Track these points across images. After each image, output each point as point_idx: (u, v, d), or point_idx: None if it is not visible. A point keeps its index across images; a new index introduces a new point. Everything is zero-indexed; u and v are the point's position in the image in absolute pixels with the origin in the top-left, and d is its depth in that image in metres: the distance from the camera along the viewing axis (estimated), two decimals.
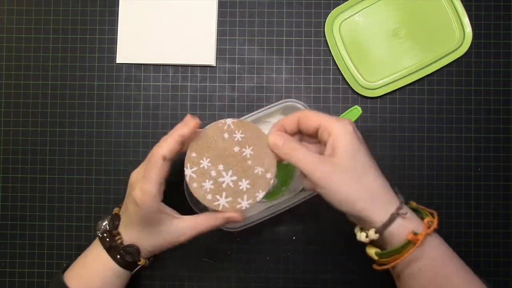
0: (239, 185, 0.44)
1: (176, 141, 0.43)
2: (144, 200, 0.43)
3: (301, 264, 0.56)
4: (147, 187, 0.42)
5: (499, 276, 0.55)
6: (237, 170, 0.45)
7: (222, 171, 0.45)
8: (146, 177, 0.43)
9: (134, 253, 0.46)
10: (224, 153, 0.45)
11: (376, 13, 0.56)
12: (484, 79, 0.56)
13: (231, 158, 0.45)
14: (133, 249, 0.46)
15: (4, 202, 0.57)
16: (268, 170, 0.45)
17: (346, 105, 0.56)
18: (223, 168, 0.45)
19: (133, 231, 0.45)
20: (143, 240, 0.46)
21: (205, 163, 0.45)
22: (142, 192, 0.43)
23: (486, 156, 0.56)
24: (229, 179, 0.45)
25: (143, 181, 0.43)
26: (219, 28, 0.57)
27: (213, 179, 0.45)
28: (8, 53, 0.57)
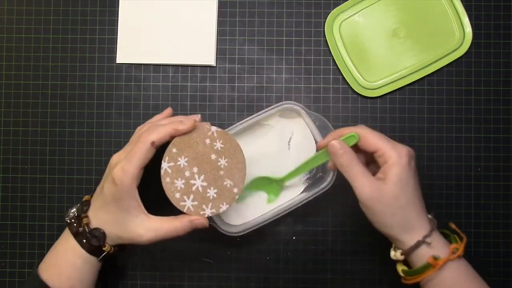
0: (207, 192, 0.45)
1: (169, 133, 0.44)
2: (123, 179, 0.43)
3: (301, 264, 0.56)
4: (128, 167, 0.43)
5: (499, 276, 0.55)
6: (208, 177, 0.45)
7: (196, 173, 0.45)
8: (130, 158, 0.43)
9: (100, 236, 0.45)
10: (202, 157, 0.46)
11: (376, 13, 0.56)
12: (484, 79, 0.56)
13: (206, 164, 0.46)
14: (99, 232, 0.45)
15: (4, 202, 0.57)
16: (236, 185, 0.46)
17: (346, 105, 0.56)
18: (197, 171, 0.45)
19: (103, 213, 0.46)
20: (109, 225, 0.45)
21: (182, 161, 0.45)
22: (123, 171, 0.43)
23: (486, 156, 0.56)
24: (200, 184, 0.45)
25: (126, 161, 0.43)
26: (219, 28, 0.57)
27: (185, 179, 0.45)
28: (8, 53, 0.57)
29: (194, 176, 0.45)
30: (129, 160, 0.43)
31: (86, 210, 0.47)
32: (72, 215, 0.47)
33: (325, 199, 0.55)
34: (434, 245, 0.43)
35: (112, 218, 0.45)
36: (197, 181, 0.45)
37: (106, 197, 0.45)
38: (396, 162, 0.43)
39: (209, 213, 0.45)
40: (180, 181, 0.45)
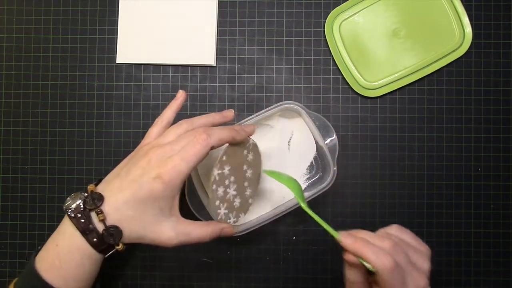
0: (234, 201, 0.46)
1: (227, 141, 0.44)
2: (174, 179, 0.41)
3: (301, 264, 0.56)
4: (183, 168, 0.41)
5: (499, 276, 0.55)
6: (238, 187, 0.46)
7: (231, 183, 0.46)
8: (186, 158, 0.41)
9: (117, 235, 0.41)
10: (238, 167, 0.46)
11: (376, 13, 0.56)
12: (484, 79, 0.56)
13: (239, 174, 0.46)
14: (117, 230, 0.41)
15: (4, 202, 0.57)
16: (252, 196, 0.47)
17: (346, 105, 0.56)
18: (233, 180, 0.46)
19: (127, 210, 0.41)
20: (132, 223, 0.41)
21: (226, 169, 0.45)
22: (177, 171, 0.41)
23: (486, 156, 0.56)
24: (232, 193, 0.46)
25: (181, 161, 0.41)
26: (219, 28, 0.57)
27: (224, 187, 0.45)
28: (8, 53, 0.57)
29: (230, 185, 0.46)
30: (185, 160, 0.41)
31: (99, 205, 0.41)
32: (75, 206, 0.42)
33: (325, 199, 0.56)
34: None
35: (139, 216, 0.41)
36: (231, 191, 0.46)
37: (142, 192, 0.41)
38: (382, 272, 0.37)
39: (232, 221, 0.46)
40: (221, 189, 0.45)
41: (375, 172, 0.56)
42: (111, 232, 0.41)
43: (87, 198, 0.42)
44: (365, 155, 0.56)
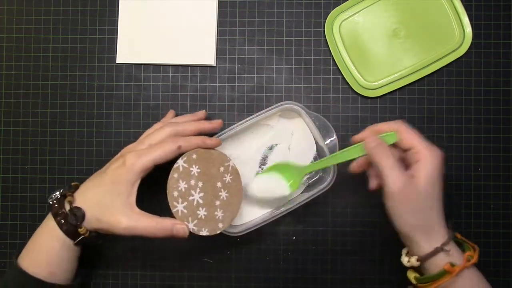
0: (199, 210, 0.46)
1: (197, 144, 0.46)
2: (135, 163, 0.44)
3: (301, 264, 0.56)
4: (145, 157, 0.44)
5: (499, 276, 0.55)
6: (206, 198, 0.46)
7: (198, 188, 0.46)
8: (150, 150, 0.45)
9: (79, 216, 0.45)
10: (210, 178, 0.47)
11: (376, 13, 0.56)
12: (484, 79, 0.56)
13: (210, 187, 0.47)
14: (79, 212, 0.45)
15: (4, 202, 0.57)
16: (223, 222, 0.47)
17: (346, 105, 0.56)
18: (200, 186, 0.46)
19: (91, 193, 0.46)
20: (93, 206, 0.45)
21: (194, 169, 0.46)
22: (138, 157, 0.44)
23: (486, 156, 0.56)
24: (197, 198, 0.46)
25: (145, 151, 0.45)
26: (219, 28, 0.57)
27: (188, 186, 0.45)
28: (8, 53, 0.57)
29: (196, 189, 0.46)
30: (149, 152, 0.45)
31: (72, 192, 0.47)
32: (55, 197, 0.47)
33: (325, 199, 0.56)
34: (451, 253, 0.43)
35: (99, 199, 0.45)
36: (196, 195, 0.46)
37: (106, 177, 0.45)
38: (429, 162, 0.43)
39: (191, 226, 0.45)
40: (183, 184, 0.45)
41: None
42: (74, 212, 0.45)
43: (65, 187, 0.48)
44: None
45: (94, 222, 0.45)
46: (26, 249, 0.47)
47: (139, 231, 0.44)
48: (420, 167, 0.43)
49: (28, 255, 0.47)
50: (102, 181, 0.46)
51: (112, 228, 0.45)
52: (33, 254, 0.47)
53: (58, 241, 0.46)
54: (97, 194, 0.45)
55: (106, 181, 0.45)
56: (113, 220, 0.44)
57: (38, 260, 0.46)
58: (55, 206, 0.46)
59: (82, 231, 0.45)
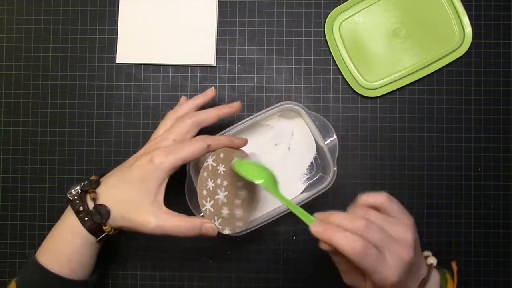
0: (222, 209, 0.46)
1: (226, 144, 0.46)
2: (163, 161, 0.43)
3: (301, 264, 0.56)
4: (174, 156, 0.43)
5: (499, 276, 0.55)
6: (229, 198, 0.47)
7: (223, 187, 0.46)
8: (179, 149, 0.44)
9: (104, 214, 0.44)
10: (233, 177, 0.47)
11: (376, 13, 0.56)
12: (484, 79, 0.56)
13: (233, 186, 0.47)
14: (104, 209, 0.44)
15: (4, 202, 0.57)
16: (242, 220, 0.48)
17: (346, 105, 0.56)
18: (225, 185, 0.46)
19: (116, 191, 0.44)
20: (118, 204, 0.44)
21: (221, 168, 0.46)
22: (166, 155, 0.43)
23: (486, 156, 0.56)
24: (222, 197, 0.46)
25: (174, 149, 0.44)
26: (219, 28, 0.57)
27: (215, 185, 0.46)
28: (8, 53, 0.57)
29: (221, 187, 0.46)
30: (178, 150, 0.44)
31: (95, 188, 0.45)
32: (75, 192, 0.46)
33: (325, 199, 0.55)
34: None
35: (125, 197, 0.44)
36: (221, 194, 0.46)
37: (132, 174, 0.44)
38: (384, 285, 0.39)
39: (217, 224, 0.46)
40: (211, 183, 0.46)
41: (375, 172, 0.56)
42: (99, 210, 0.44)
43: (86, 183, 0.46)
44: (365, 155, 0.56)
45: (119, 220, 0.44)
46: (45, 245, 0.46)
47: (167, 230, 0.44)
48: None
49: (48, 251, 0.46)
50: (128, 178, 0.44)
51: (139, 227, 0.44)
52: (53, 251, 0.45)
53: (80, 238, 0.45)
54: (123, 191, 0.44)
55: (133, 179, 0.44)
56: (140, 219, 0.43)
57: (59, 257, 0.45)
58: (76, 203, 0.44)
59: (107, 229, 0.44)
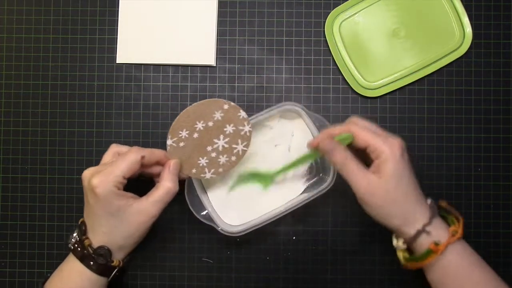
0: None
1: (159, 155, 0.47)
2: (102, 186, 0.43)
3: (301, 264, 0.56)
4: (107, 176, 0.43)
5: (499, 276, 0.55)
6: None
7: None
8: (112, 167, 0.44)
9: (106, 254, 0.46)
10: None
11: (376, 13, 0.56)
12: (484, 79, 0.56)
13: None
14: (104, 250, 0.46)
15: (4, 202, 0.57)
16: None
17: (346, 105, 0.56)
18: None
19: (99, 229, 0.45)
20: (112, 235, 0.46)
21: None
22: (100, 178, 0.43)
23: (486, 156, 0.56)
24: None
25: (105, 171, 0.44)
26: (219, 28, 0.57)
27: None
28: (8, 53, 0.57)
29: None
30: (111, 171, 0.44)
31: (85, 232, 0.46)
32: (74, 240, 0.47)
33: (325, 199, 0.55)
34: (434, 232, 0.43)
35: (110, 227, 0.45)
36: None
37: (95, 211, 0.45)
38: (388, 157, 0.43)
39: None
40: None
41: None
42: (99, 252, 0.46)
43: (78, 229, 0.47)
44: None
45: (123, 247, 0.47)
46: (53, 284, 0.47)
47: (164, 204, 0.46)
48: (381, 164, 0.43)
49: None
50: (96, 215, 0.45)
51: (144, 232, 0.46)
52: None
53: (88, 280, 0.46)
54: (105, 225, 0.45)
55: (99, 213, 0.45)
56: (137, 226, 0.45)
57: None
58: (78, 250, 0.46)
59: (115, 264, 0.46)
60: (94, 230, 0.46)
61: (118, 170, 0.44)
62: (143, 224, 0.45)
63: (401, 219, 0.44)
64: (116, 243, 0.46)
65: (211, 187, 0.54)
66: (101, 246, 0.46)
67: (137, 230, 0.46)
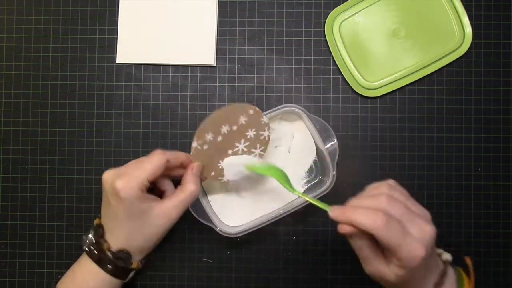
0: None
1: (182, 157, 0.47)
2: (126, 190, 0.42)
3: (301, 264, 0.56)
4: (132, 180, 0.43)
5: (499, 276, 0.55)
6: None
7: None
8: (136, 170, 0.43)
9: (126, 257, 0.46)
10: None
11: (376, 13, 0.56)
12: (484, 79, 0.56)
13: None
14: (124, 253, 0.46)
15: (4, 202, 0.57)
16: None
17: (346, 105, 0.56)
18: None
19: (120, 232, 0.45)
20: (132, 239, 0.45)
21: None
22: (124, 182, 0.43)
23: (486, 156, 0.56)
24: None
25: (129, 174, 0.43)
26: (219, 28, 0.57)
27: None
28: (8, 53, 0.57)
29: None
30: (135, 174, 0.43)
31: (102, 234, 0.46)
32: (89, 242, 0.46)
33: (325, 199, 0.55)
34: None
35: (131, 230, 0.45)
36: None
37: (117, 215, 0.44)
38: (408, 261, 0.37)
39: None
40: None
41: (375, 172, 0.56)
42: (119, 256, 0.45)
43: (94, 231, 0.47)
44: (365, 155, 0.56)
45: (144, 248, 0.47)
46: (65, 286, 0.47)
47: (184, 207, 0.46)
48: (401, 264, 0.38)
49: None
50: (118, 219, 0.44)
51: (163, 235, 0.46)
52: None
53: (103, 282, 0.46)
54: (126, 228, 0.45)
55: (121, 217, 0.44)
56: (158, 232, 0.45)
57: None
58: (94, 253, 0.45)
59: (134, 266, 0.47)
60: (114, 233, 0.45)
61: (143, 174, 0.43)
62: (164, 226, 0.45)
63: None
64: (137, 246, 0.46)
65: (210, 188, 0.54)
66: (121, 249, 0.45)
67: (158, 232, 0.46)
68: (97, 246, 0.46)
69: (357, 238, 0.40)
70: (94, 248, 0.46)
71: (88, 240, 0.47)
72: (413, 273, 0.38)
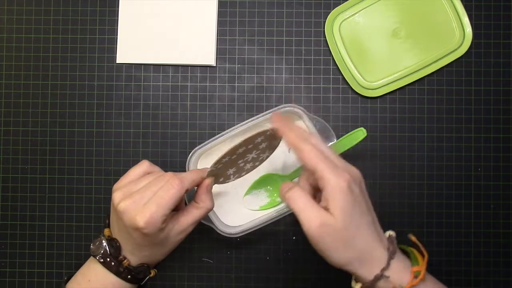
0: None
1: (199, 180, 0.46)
2: (150, 227, 0.42)
3: (301, 264, 0.56)
4: (156, 215, 0.42)
5: (499, 276, 0.55)
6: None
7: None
8: (161, 203, 0.42)
9: (146, 270, 0.48)
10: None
11: (376, 13, 0.56)
12: (484, 79, 0.56)
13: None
14: (144, 268, 0.48)
15: (4, 202, 0.57)
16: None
17: (346, 105, 0.56)
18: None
19: (141, 254, 0.47)
20: (153, 257, 0.48)
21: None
22: (147, 219, 0.42)
23: (486, 156, 0.56)
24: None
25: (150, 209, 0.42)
26: (219, 28, 0.57)
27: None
28: (8, 53, 0.57)
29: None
30: (161, 206, 0.42)
31: (119, 251, 0.47)
32: (103, 253, 0.46)
33: None
34: (394, 276, 0.39)
35: (153, 253, 0.48)
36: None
37: (140, 244, 0.45)
38: (335, 189, 0.37)
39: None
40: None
41: (374, 172, 0.56)
42: (140, 270, 0.48)
43: (109, 245, 0.46)
44: (365, 155, 0.56)
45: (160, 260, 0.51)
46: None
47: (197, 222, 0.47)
48: (328, 196, 0.38)
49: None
50: (137, 244, 0.45)
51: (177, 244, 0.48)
52: None
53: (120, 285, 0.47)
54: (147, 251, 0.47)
55: (143, 244, 0.45)
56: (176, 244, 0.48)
57: None
58: (112, 265, 0.46)
59: (152, 275, 0.50)
60: (135, 254, 0.47)
61: (164, 209, 0.42)
62: (181, 240, 0.47)
63: (356, 261, 0.39)
64: (156, 261, 0.50)
65: None
66: (141, 264, 0.48)
67: (176, 246, 0.49)
68: (115, 260, 0.46)
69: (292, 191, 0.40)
70: (111, 260, 0.46)
71: (102, 250, 0.46)
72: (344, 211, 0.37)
